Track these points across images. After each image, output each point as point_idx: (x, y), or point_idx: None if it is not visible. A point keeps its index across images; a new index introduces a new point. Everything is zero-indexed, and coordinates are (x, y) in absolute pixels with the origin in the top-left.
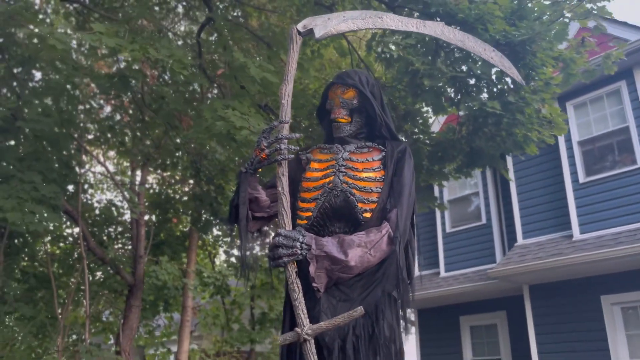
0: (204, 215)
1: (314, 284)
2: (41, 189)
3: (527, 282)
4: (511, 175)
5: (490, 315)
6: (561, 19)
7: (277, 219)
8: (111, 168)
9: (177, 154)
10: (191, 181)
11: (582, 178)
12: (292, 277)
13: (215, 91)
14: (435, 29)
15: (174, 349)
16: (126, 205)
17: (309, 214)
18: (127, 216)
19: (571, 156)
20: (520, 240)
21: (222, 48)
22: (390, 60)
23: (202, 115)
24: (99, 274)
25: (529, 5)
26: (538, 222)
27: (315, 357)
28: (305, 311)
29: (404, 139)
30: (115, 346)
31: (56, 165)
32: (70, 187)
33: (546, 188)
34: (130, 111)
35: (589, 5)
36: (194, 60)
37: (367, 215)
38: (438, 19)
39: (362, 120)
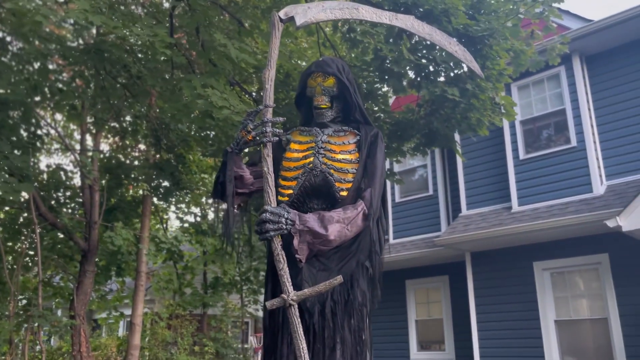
0: (164, 183)
1: (296, 256)
2: (13, 159)
3: (469, 249)
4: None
5: (434, 279)
6: (517, 16)
7: (256, 194)
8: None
9: (136, 122)
10: (142, 147)
11: (522, 155)
12: (277, 249)
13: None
14: (406, 22)
15: (126, 312)
16: (76, 170)
17: (290, 191)
18: (76, 181)
19: (513, 134)
20: (464, 210)
21: (195, 26)
22: (354, 41)
23: (175, 90)
24: (46, 239)
25: (488, 0)
26: (481, 195)
27: (299, 320)
28: (289, 279)
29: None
30: (69, 310)
31: (23, 134)
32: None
33: (489, 163)
34: (89, 77)
35: (540, 9)
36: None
37: (344, 194)
38: (402, 9)
39: (340, 106)
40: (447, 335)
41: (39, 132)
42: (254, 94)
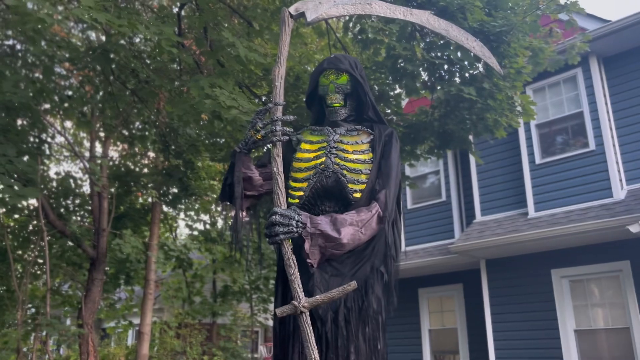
0: (172, 190)
1: (308, 260)
2: (17, 164)
3: (485, 256)
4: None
5: (448, 287)
6: (536, 12)
7: (266, 197)
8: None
9: (145, 127)
10: (151, 154)
11: (538, 159)
12: (288, 254)
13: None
14: (421, 17)
15: (135, 321)
16: (85, 177)
17: (301, 193)
18: (86, 188)
19: (529, 138)
20: (478, 217)
21: (203, 26)
22: (366, 42)
23: (183, 93)
24: (55, 246)
25: None
26: (496, 200)
27: (311, 328)
28: (300, 285)
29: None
30: (78, 319)
31: (30, 139)
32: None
33: (504, 168)
34: (98, 82)
35: (562, 1)
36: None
37: (357, 195)
38: (414, 4)
39: (353, 104)
40: (462, 345)
41: (48, 139)
42: (263, 97)
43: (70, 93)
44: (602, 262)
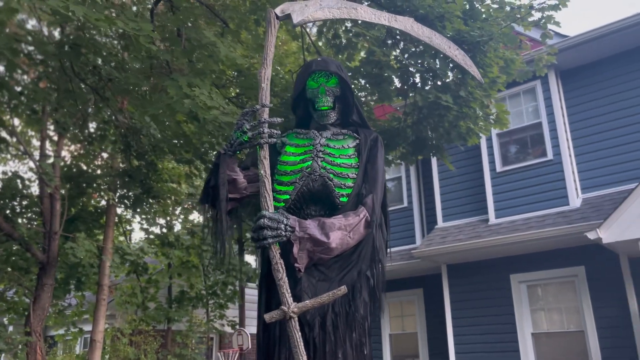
0: (133, 192)
1: (295, 265)
2: None
3: (446, 261)
4: (434, 162)
5: (408, 292)
6: (510, 24)
7: (248, 201)
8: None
9: (105, 127)
10: (105, 154)
11: (499, 167)
12: (276, 258)
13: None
14: (405, 24)
15: (85, 328)
16: (33, 178)
17: (287, 196)
18: (34, 189)
19: (490, 146)
20: (440, 223)
21: (178, 24)
22: (339, 47)
23: (155, 93)
24: (0, 250)
25: (477, 7)
26: (457, 207)
27: (299, 333)
28: (289, 290)
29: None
30: (25, 326)
31: None
32: None
33: (466, 175)
34: (55, 79)
35: (537, 15)
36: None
37: (344, 199)
38: (394, 11)
39: (340, 107)
40: (422, 349)
41: None
42: (232, 99)
43: (20, 89)
44: (559, 268)
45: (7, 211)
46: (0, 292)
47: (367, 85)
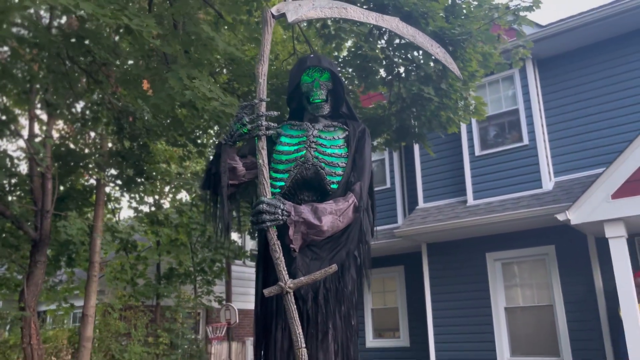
0: (126, 173)
1: (291, 245)
2: None
3: (426, 240)
4: (416, 145)
5: (390, 269)
6: (489, 23)
7: (245, 186)
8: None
9: (97, 109)
10: (92, 133)
11: (477, 151)
12: (273, 239)
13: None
14: (391, 23)
15: (77, 304)
16: (22, 156)
17: (282, 183)
18: (22, 168)
19: (470, 131)
20: (421, 203)
21: (177, 17)
22: (328, 37)
23: (155, 81)
24: None
25: (459, 3)
26: (438, 188)
27: (295, 306)
28: (285, 268)
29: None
30: (19, 302)
31: None
32: None
33: (446, 158)
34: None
35: (511, 17)
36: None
37: (334, 186)
38: (373, 6)
39: (332, 100)
40: (402, 323)
41: None
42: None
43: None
44: (531, 247)
45: None
46: None
47: (354, 74)
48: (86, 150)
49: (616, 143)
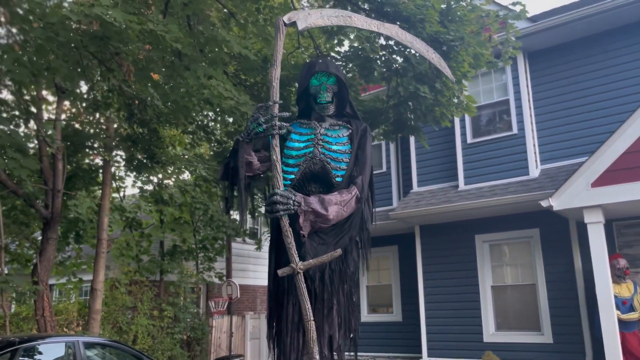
0: (138, 156)
1: (301, 232)
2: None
3: (419, 222)
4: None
5: (384, 249)
6: (481, 28)
7: (258, 177)
8: (9, 97)
9: (109, 95)
10: (99, 118)
11: (469, 139)
12: (286, 226)
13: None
14: (391, 30)
15: (85, 278)
16: (32, 137)
17: (293, 176)
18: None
19: (462, 119)
20: (415, 187)
21: (189, 14)
22: (331, 33)
23: (174, 76)
24: (3, 207)
25: (454, 7)
26: (431, 173)
27: (304, 285)
28: (296, 252)
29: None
30: (32, 276)
31: None
32: None
33: (440, 145)
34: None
35: (501, 36)
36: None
37: (339, 179)
38: (371, 12)
39: (337, 101)
40: (395, 299)
41: None
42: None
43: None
44: (517, 230)
45: (6, 169)
46: (5, 244)
47: (355, 69)
48: (91, 131)
49: (600, 134)
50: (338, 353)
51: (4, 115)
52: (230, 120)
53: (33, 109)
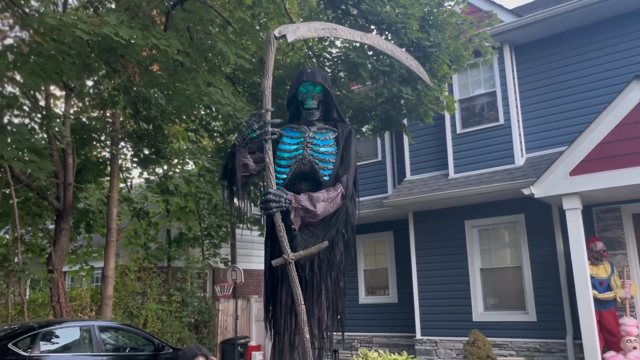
0: (144, 152)
1: (292, 226)
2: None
3: (412, 209)
4: (405, 122)
5: (380, 234)
6: (459, 34)
7: (254, 176)
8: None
9: (115, 93)
10: (105, 112)
11: (459, 129)
12: (278, 222)
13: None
14: (373, 40)
15: (96, 265)
16: (41, 132)
17: (285, 175)
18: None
19: None
20: (408, 176)
21: (193, 30)
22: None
23: (176, 83)
24: (17, 200)
25: (435, 12)
26: (423, 162)
27: (295, 273)
28: (288, 244)
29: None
30: (47, 265)
31: None
32: None
33: (431, 135)
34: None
35: (478, 40)
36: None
37: (326, 178)
38: (358, 18)
39: (323, 107)
40: (391, 282)
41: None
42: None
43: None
44: (503, 215)
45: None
46: (21, 235)
47: (344, 72)
48: (98, 125)
49: (581, 124)
50: (326, 332)
51: (15, 111)
52: (229, 123)
53: (42, 103)
